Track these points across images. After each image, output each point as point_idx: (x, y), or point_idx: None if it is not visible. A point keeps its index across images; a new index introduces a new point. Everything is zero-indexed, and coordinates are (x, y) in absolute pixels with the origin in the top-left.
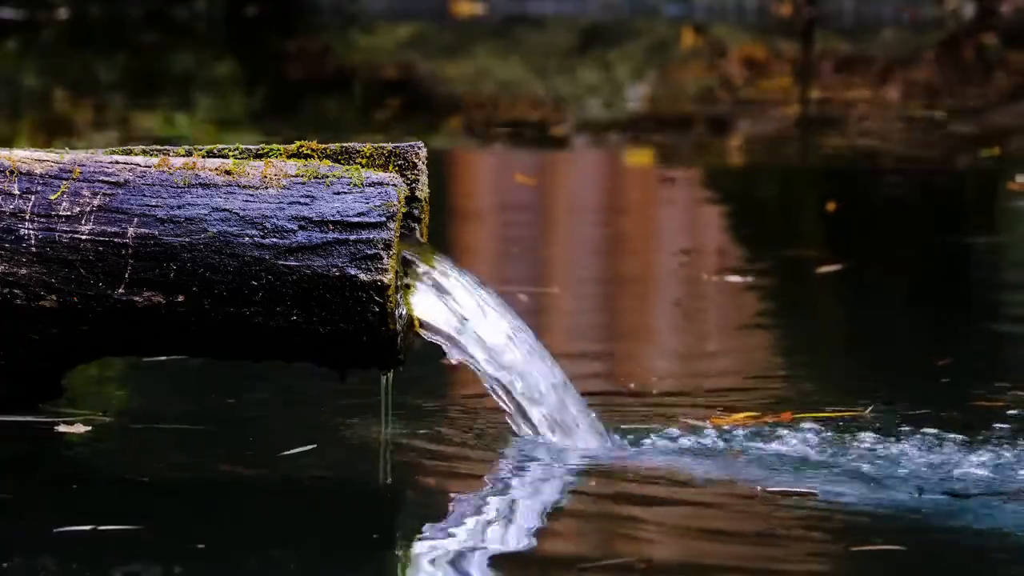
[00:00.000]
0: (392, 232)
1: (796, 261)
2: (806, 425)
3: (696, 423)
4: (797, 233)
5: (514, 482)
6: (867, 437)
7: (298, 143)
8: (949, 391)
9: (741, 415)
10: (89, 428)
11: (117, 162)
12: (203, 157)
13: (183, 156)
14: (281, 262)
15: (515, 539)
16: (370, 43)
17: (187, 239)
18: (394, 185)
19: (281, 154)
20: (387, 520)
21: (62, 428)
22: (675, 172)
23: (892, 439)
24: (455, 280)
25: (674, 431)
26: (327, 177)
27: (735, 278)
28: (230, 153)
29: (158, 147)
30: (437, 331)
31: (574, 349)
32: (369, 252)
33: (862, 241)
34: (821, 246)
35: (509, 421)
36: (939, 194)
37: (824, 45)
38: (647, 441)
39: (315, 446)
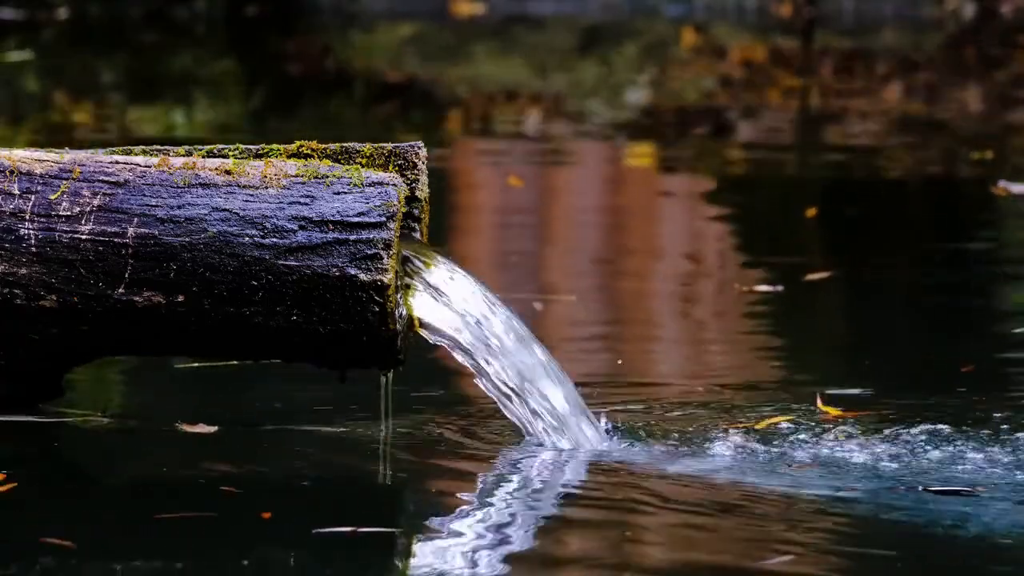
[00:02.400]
0: (392, 232)
1: (795, 267)
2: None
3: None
4: (797, 238)
5: (515, 482)
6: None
7: (298, 143)
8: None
9: (765, 421)
10: (215, 428)
11: (117, 162)
12: (203, 157)
13: (183, 156)
14: (281, 262)
15: (515, 539)
16: (370, 43)
17: (187, 239)
18: (394, 185)
19: (281, 154)
20: (387, 520)
21: (187, 428)
22: (674, 179)
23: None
24: (455, 280)
25: (709, 436)
26: (327, 177)
27: (764, 287)
28: (230, 153)
29: (158, 147)
30: (437, 331)
31: (577, 352)
32: (369, 252)
33: (855, 247)
34: (816, 251)
35: (515, 421)
36: (930, 199)
37: (824, 45)
38: (666, 443)
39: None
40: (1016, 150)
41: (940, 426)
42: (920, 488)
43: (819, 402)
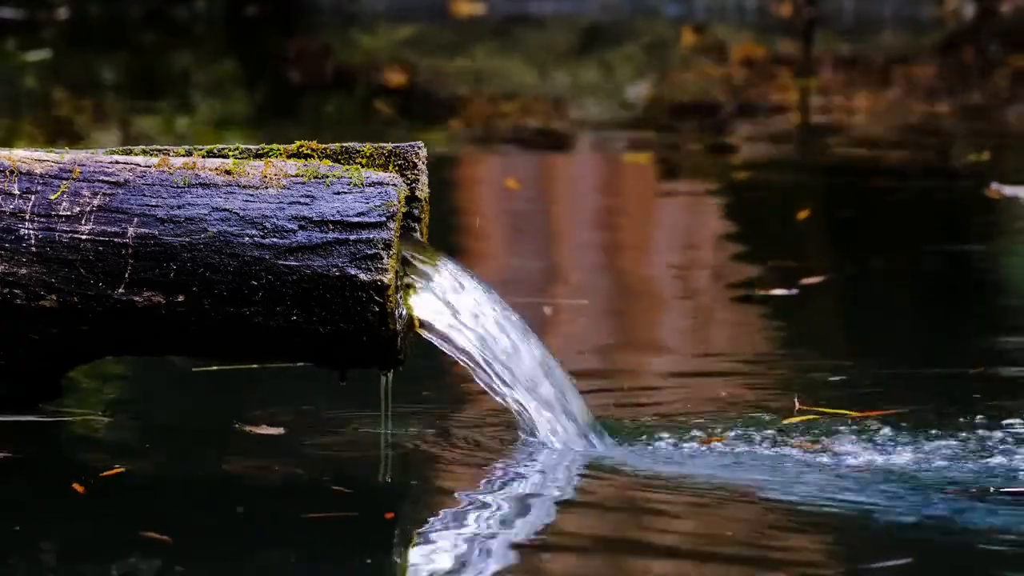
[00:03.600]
0: (392, 232)
1: (794, 270)
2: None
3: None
4: (796, 240)
5: (515, 482)
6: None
7: (298, 143)
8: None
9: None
10: (282, 429)
11: (117, 162)
12: (203, 157)
13: (183, 156)
14: (281, 262)
15: (515, 539)
16: (370, 43)
17: (187, 239)
18: (394, 185)
19: (281, 154)
20: (387, 520)
21: (252, 430)
22: (673, 180)
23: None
24: (456, 280)
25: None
26: (327, 177)
27: (781, 291)
28: (230, 153)
29: (158, 147)
30: (437, 331)
31: (579, 352)
32: (369, 252)
33: (851, 249)
34: (813, 253)
35: (516, 420)
36: (925, 201)
37: (824, 45)
38: (681, 448)
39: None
40: (1013, 152)
41: (968, 427)
42: (992, 490)
43: (796, 404)
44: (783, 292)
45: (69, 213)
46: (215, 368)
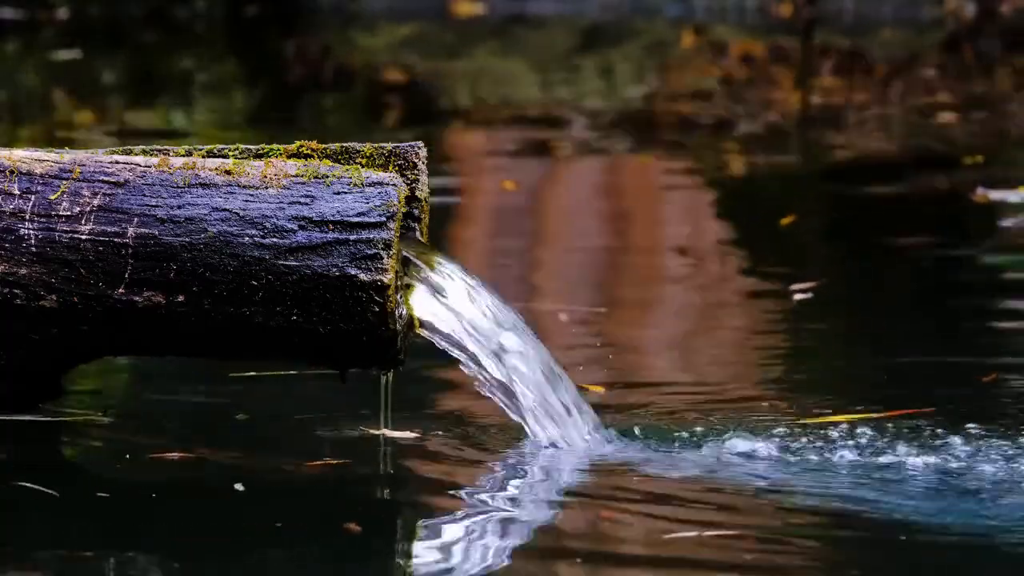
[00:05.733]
0: (392, 232)
1: (789, 274)
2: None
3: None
4: (790, 245)
5: (515, 482)
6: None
7: (298, 143)
8: None
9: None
10: (418, 433)
11: (117, 162)
12: (203, 157)
13: (183, 156)
14: (281, 262)
15: (515, 539)
16: (370, 43)
17: (187, 239)
18: (394, 185)
19: (281, 154)
20: (387, 520)
21: (388, 431)
22: (673, 180)
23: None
24: (456, 280)
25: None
26: (327, 177)
27: (798, 295)
28: (230, 153)
29: (158, 147)
30: (437, 331)
31: (582, 354)
32: (369, 252)
33: (845, 253)
34: (809, 257)
35: (516, 420)
36: (920, 203)
37: (824, 45)
38: (685, 449)
39: None
40: (1009, 155)
41: (991, 433)
42: None
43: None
44: (800, 296)
45: (69, 213)
46: (252, 373)
